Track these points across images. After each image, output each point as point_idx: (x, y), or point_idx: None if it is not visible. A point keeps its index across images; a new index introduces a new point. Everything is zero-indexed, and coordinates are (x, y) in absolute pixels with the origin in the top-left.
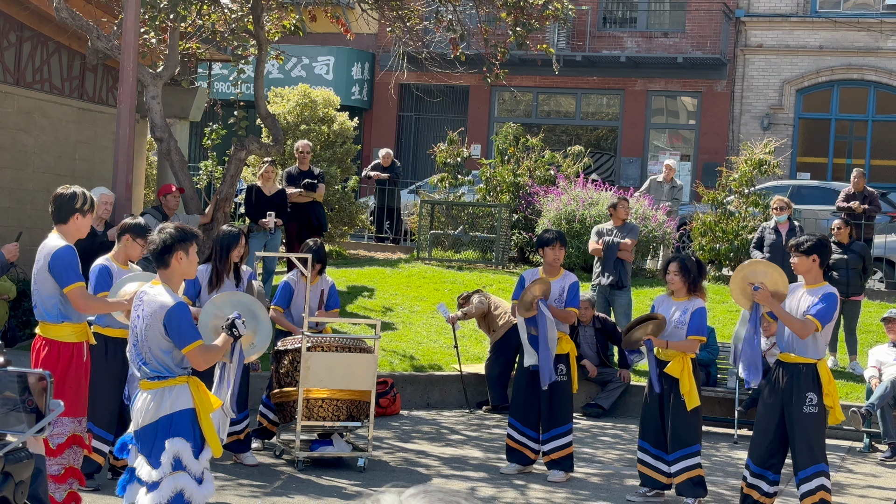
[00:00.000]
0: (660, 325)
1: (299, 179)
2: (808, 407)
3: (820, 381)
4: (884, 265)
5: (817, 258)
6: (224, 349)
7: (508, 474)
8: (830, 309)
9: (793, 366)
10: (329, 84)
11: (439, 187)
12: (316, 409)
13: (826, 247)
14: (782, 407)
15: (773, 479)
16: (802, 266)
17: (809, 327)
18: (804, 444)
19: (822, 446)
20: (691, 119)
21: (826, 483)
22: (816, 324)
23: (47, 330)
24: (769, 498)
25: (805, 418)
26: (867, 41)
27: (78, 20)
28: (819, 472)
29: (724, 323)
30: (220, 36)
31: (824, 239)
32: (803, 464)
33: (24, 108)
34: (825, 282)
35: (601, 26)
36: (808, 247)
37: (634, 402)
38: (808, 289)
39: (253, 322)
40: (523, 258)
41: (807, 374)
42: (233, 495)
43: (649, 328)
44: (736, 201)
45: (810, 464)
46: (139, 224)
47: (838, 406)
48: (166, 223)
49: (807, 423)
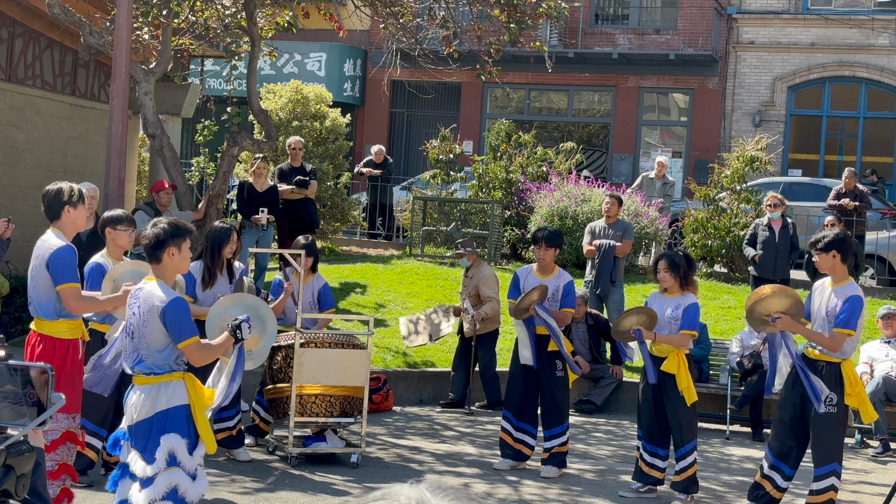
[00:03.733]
0: (650, 315)
1: (291, 176)
2: (827, 406)
3: (843, 381)
4: (875, 262)
5: (837, 254)
6: (223, 348)
7: (501, 470)
8: (855, 313)
9: (816, 363)
10: (321, 80)
11: (432, 184)
12: (309, 406)
13: (845, 241)
14: (803, 402)
15: (788, 473)
16: (825, 264)
17: (839, 340)
18: (821, 443)
19: (838, 446)
20: (683, 116)
21: (836, 483)
22: (845, 333)
23: (42, 326)
24: (780, 492)
25: (823, 418)
26: (858, 38)
27: (70, 16)
28: (832, 472)
29: (715, 319)
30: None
31: (843, 234)
32: (817, 462)
33: (15, 104)
34: (850, 278)
35: (593, 23)
36: (826, 243)
37: (627, 398)
38: (834, 287)
39: (259, 327)
40: (516, 255)
41: (829, 374)
42: (226, 491)
43: (637, 318)
44: (728, 198)
45: (824, 463)
46: (114, 214)
47: (868, 405)
48: (160, 218)
49: (824, 423)
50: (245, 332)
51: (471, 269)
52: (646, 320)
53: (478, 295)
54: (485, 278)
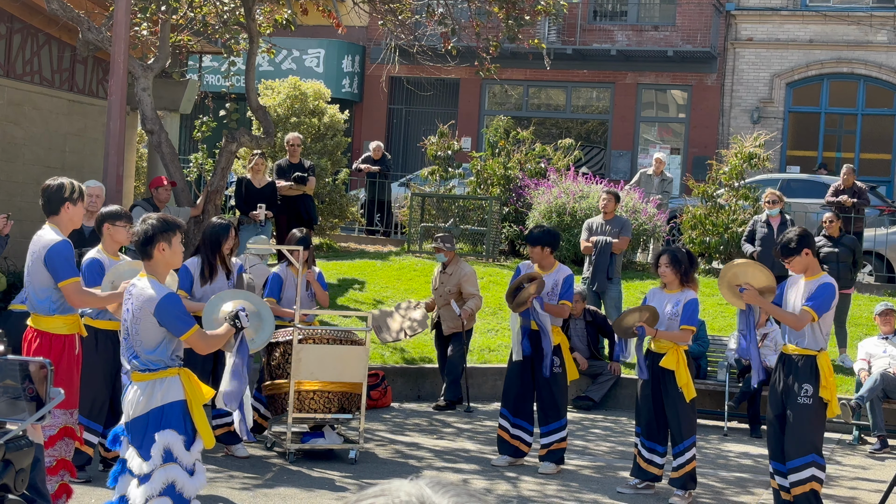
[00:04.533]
0: (652, 313)
1: (290, 172)
2: (802, 398)
3: (818, 372)
4: (873, 258)
5: (808, 250)
6: (225, 337)
7: (499, 466)
8: (827, 299)
9: (791, 357)
10: (319, 77)
11: (430, 180)
12: (307, 402)
13: (808, 236)
14: (783, 399)
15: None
16: (800, 264)
17: (804, 319)
18: (795, 434)
19: (818, 438)
20: (681, 112)
21: (818, 474)
22: (812, 314)
23: (39, 322)
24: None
25: (799, 409)
26: (857, 35)
27: (69, 12)
28: (811, 463)
29: (713, 316)
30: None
31: (804, 230)
32: (791, 454)
33: (14, 99)
34: (823, 272)
35: (591, 19)
36: (797, 243)
37: (625, 394)
38: (808, 280)
39: (256, 319)
40: (514, 251)
41: (804, 366)
42: (224, 487)
43: (640, 315)
44: (726, 195)
45: (800, 454)
46: (112, 210)
47: (835, 400)
48: (149, 214)
49: (801, 414)
50: (244, 320)
51: (449, 265)
52: (648, 317)
53: (459, 293)
54: (466, 275)
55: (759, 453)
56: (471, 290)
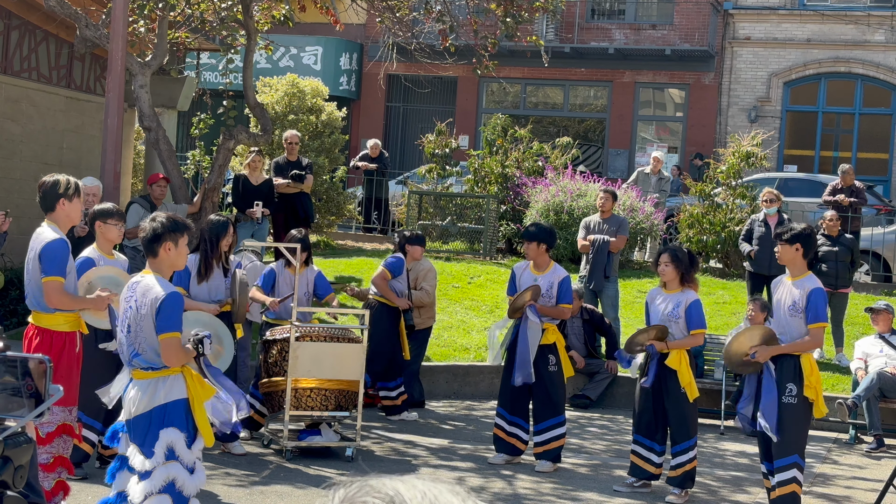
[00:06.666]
0: (663, 331)
1: (287, 169)
2: (786, 397)
3: (801, 372)
4: (870, 258)
5: (801, 248)
6: (187, 359)
7: (496, 464)
8: (821, 305)
9: (777, 358)
10: (317, 74)
11: (427, 178)
12: (304, 399)
13: (811, 237)
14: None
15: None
16: (786, 255)
17: (817, 336)
18: (780, 434)
19: (801, 438)
20: (679, 111)
21: (799, 476)
22: (820, 327)
23: (40, 319)
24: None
25: (783, 409)
26: (855, 34)
27: (66, 8)
28: (793, 465)
29: (710, 315)
30: (210, 25)
31: (809, 229)
32: (776, 454)
33: (11, 96)
34: (809, 272)
35: (589, 18)
36: (792, 235)
37: (622, 393)
38: (793, 281)
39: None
40: (511, 249)
41: (788, 365)
42: (220, 484)
43: (652, 333)
44: (723, 193)
45: (784, 454)
46: (104, 208)
47: (821, 399)
48: (159, 213)
49: (785, 414)
50: (207, 347)
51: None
52: (658, 335)
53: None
54: (424, 271)
55: (755, 452)
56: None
